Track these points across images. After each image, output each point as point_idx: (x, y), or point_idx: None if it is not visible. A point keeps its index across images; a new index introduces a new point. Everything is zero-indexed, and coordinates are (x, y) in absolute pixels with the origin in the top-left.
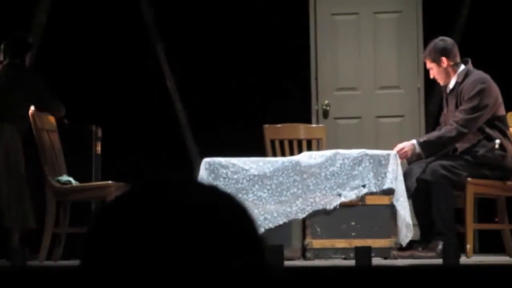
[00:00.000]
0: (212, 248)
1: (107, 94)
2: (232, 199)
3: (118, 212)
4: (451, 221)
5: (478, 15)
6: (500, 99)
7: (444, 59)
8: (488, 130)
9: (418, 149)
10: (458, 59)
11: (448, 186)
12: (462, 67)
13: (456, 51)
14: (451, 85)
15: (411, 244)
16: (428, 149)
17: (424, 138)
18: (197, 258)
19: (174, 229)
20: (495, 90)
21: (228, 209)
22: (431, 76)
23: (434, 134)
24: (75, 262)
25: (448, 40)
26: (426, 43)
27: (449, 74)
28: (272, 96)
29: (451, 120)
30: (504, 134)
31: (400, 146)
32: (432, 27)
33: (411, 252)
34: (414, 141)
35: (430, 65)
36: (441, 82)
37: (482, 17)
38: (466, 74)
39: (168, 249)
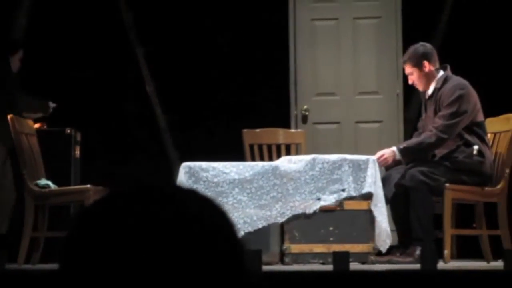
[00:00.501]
0: (192, 252)
1: (87, 98)
2: (212, 203)
3: (97, 216)
4: (429, 226)
5: (457, 21)
6: (479, 105)
7: (426, 63)
8: (466, 136)
9: (398, 156)
10: (437, 65)
11: (427, 191)
12: (441, 73)
13: (436, 56)
14: (430, 91)
15: (389, 249)
16: (408, 155)
17: (404, 144)
18: (177, 262)
19: (154, 233)
20: (474, 96)
21: (208, 213)
22: (410, 82)
23: (414, 140)
24: (53, 266)
25: (428, 45)
26: (405, 48)
27: (429, 80)
28: (251, 101)
29: (431, 126)
30: (482, 140)
31: (380, 153)
32: (411, 33)
33: (389, 257)
34: (394, 148)
35: (410, 70)
36: (420, 87)
37: (461, 23)
38: (445, 80)
39: (147, 253)
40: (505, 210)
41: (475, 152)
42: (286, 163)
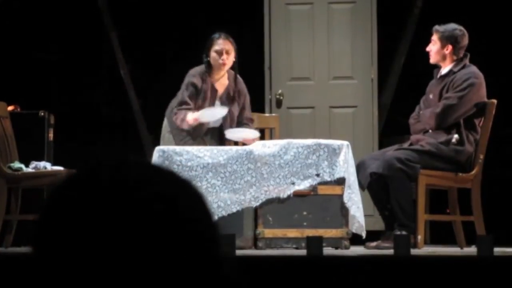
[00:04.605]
0: (167, 235)
1: (60, 81)
2: (190, 186)
3: (70, 194)
4: (411, 212)
5: (432, 7)
6: (484, 94)
7: (450, 46)
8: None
9: None
10: (460, 55)
11: (405, 179)
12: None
13: (462, 50)
14: (445, 70)
15: (379, 235)
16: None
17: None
18: (151, 245)
19: (129, 213)
20: (483, 88)
21: (185, 197)
22: (428, 49)
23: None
24: (26, 249)
25: (466, 36)
26: (380, 34)
27: (442, 60)
28: None
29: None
30: (472, 126)
31: None
32: (386, 18)
33: (377, 243)
34: None
35: (435, 39)
36: (432, 59)
37: (436, 9)
38: (463, 67)
39: (122, 234)
40: (479, 196)
41: (453, 140)
42: (260, 147)
